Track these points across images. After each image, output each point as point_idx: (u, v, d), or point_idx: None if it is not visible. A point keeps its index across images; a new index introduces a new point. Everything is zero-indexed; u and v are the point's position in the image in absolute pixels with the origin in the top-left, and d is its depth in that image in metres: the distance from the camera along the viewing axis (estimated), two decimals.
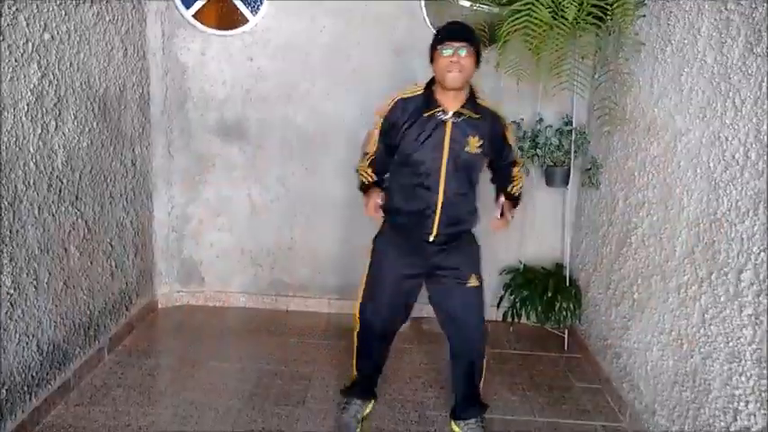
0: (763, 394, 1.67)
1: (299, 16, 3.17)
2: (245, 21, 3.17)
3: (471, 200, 2.25)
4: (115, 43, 2.78)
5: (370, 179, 2.29)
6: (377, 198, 2.20)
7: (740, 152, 1.82)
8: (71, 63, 2.43)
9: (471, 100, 2.14)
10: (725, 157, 1.91)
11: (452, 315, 2.30)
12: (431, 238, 2.19)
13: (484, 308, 2.33)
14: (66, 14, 2.37)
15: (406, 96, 2.18)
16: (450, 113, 2.09)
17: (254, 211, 3.44)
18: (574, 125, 3.03)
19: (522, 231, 3.43)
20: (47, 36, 2.26)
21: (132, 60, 2.97)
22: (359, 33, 3.19)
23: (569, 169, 3.09)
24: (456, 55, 2.02)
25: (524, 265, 3.42)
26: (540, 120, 3.10)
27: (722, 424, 1.86)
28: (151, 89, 3.20)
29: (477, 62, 2.10)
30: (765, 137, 1.71)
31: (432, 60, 2.11)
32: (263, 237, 3.47)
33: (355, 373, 2.48)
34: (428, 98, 2.13)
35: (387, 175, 2.31)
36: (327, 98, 3.27)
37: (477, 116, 2.11)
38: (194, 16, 3.15)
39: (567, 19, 2.55)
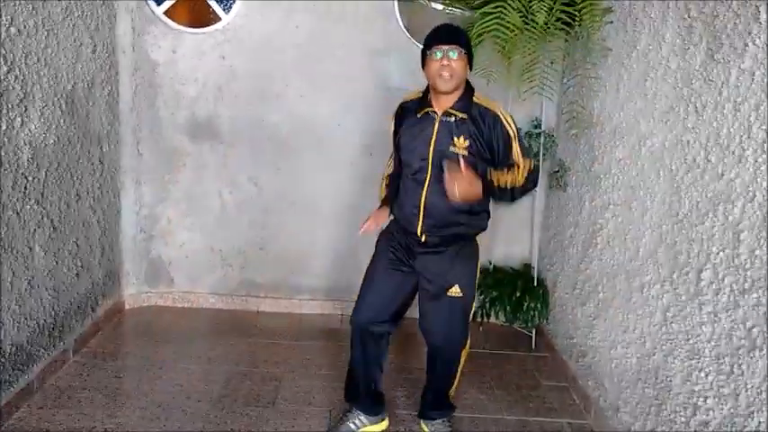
0: (722, 389, 1.73)
1: (273, 15, 3.17)
2: (218, 19, 3.16)
3: (469, 204, 2.12)
4: (84, 39, 2.74)
5: (381, 194, 2.42)
6: (377, 220, 2.29)
7: (701, 155, 1.89)
8: (38, 58, 2.38)
9: (464, 99, 2.11)
10: (686, 160, 1.97)
11: (428, 320, 2.27)
12: (422, 238, 2.17)
13: (464, 319, 2.26)
14: (33, 9, 2.33)
15: (405, 100, 2.27)
16: (440, 113, 2.11)
17: (225, 210, 3.41)
18: (543, 128, 3.09)
19: (492, 232, 3.47)
20: (13, 30, 2.21)
21: (101, 57, 2.93)
22: (333, 34, 3.20)
23: (537, 180, 3.13)
24: (446, 58, 2.02)
25: (494, 265, 3.46)
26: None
27: (683, 419, 1.92)
28: (120, 86, 3.15)
29: (470, 63, 2.11)
30: (725, 140, 1.77)
31: (423, 65, 2.12)
32: (234, 237, 3.45)
33: (346, 375, 2.42)
34: (423, 100, 2.17)
35: None
36: (301, 98, 3.27)
37: (465, 116, 2.08)
38: (165, 13, 3.12)
39: (537, 23, 2.60)
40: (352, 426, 2.38)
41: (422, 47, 2.12)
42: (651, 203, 2.19)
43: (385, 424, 2.45)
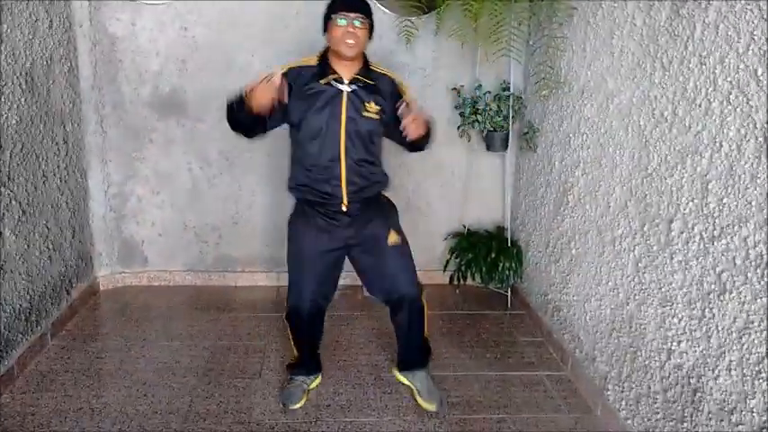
0: (694, 333, 1.82)
1: None
2: None
3: (378, 167, 2.26)
4: (39, 14, 2.63)
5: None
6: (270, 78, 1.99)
7: (668, 110, 1.94)
8: None
9: (365, 67, 2.18)
10: (654, 114, 2.03)
11: (381, 277, 2.32)
12: (343, 208, 2.19)
13: (411, 261, 2.33)
14: None
15: (297, 65, 2.17)
16: (346, 82, 2.13)
17: (196, 186, 3.37)
18: (511, 90, 3.12)
19: (465, 196, 3.52)
20: None
21: (58, 32, 2.82)
22: (297, 2, 3.14)
23: (508, 134, 3.18)
24: (351, 25, 2.06)
25: (468, 229, 3.52)
26: (479, 86, 3.17)
27: (657, 364, 2.01)
28: (80, 62, 3.05)
29: (371, 33, 2.16)
30: (691, 94, 1.83)
31: (325, 30, 2.15)
32: (207, 212, 3.42)
33: (296, 353, 2.49)
34: (324, 67, 2.14)
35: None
36: (267, 69, 3.19)
37: (373, 82, 2.16)
38: None
39: None
40: (305, 386, 2.46)
41: (324, 12, 2.14)
42: (620, 159, 2.26)
43: (320, 377, 2.57)
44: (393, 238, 2.28)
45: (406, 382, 2.51)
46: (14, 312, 2.50)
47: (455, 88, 3.22)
